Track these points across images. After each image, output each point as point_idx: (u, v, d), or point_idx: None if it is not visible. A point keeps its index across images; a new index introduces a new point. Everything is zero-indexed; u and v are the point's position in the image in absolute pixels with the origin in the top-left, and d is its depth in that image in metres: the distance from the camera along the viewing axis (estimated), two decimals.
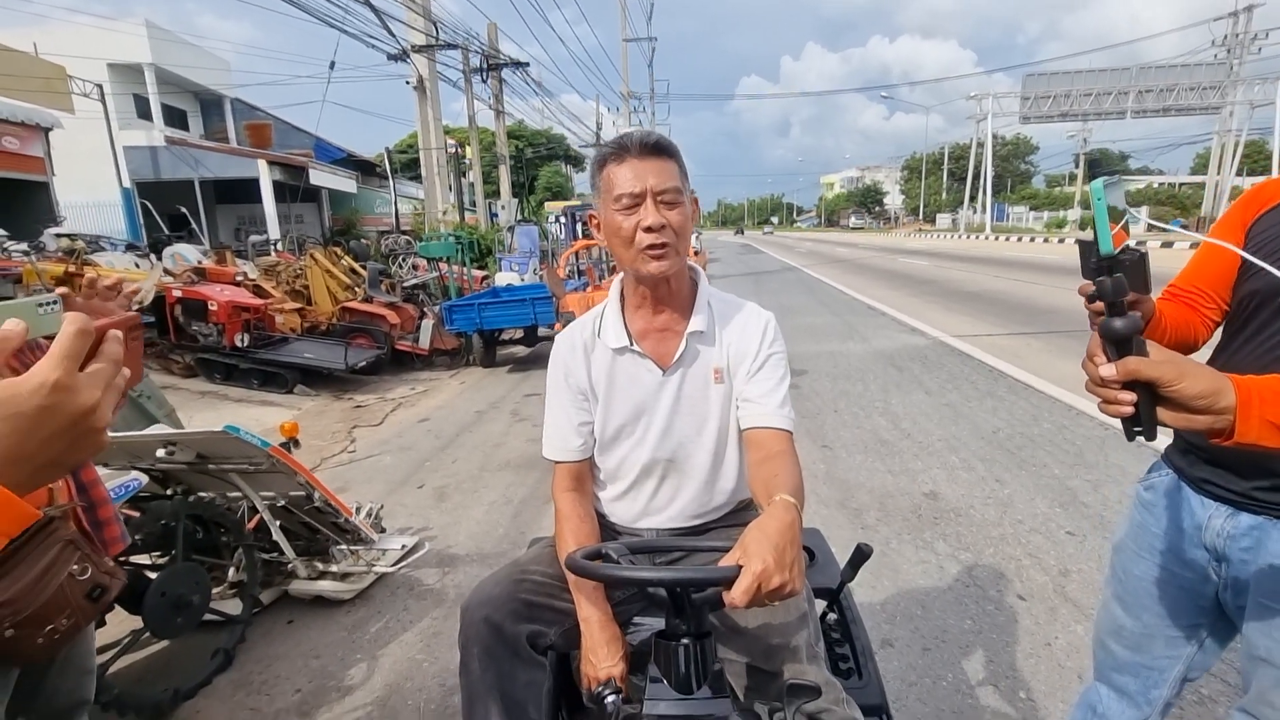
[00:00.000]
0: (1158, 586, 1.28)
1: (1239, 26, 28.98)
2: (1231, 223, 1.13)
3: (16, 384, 0.50)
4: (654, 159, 1.10)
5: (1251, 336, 1.07)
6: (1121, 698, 1.43)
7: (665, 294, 1.19)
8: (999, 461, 3.76)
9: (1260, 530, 1.09)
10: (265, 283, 7.97)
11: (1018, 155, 61.70)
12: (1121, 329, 0.71)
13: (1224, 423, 0.71)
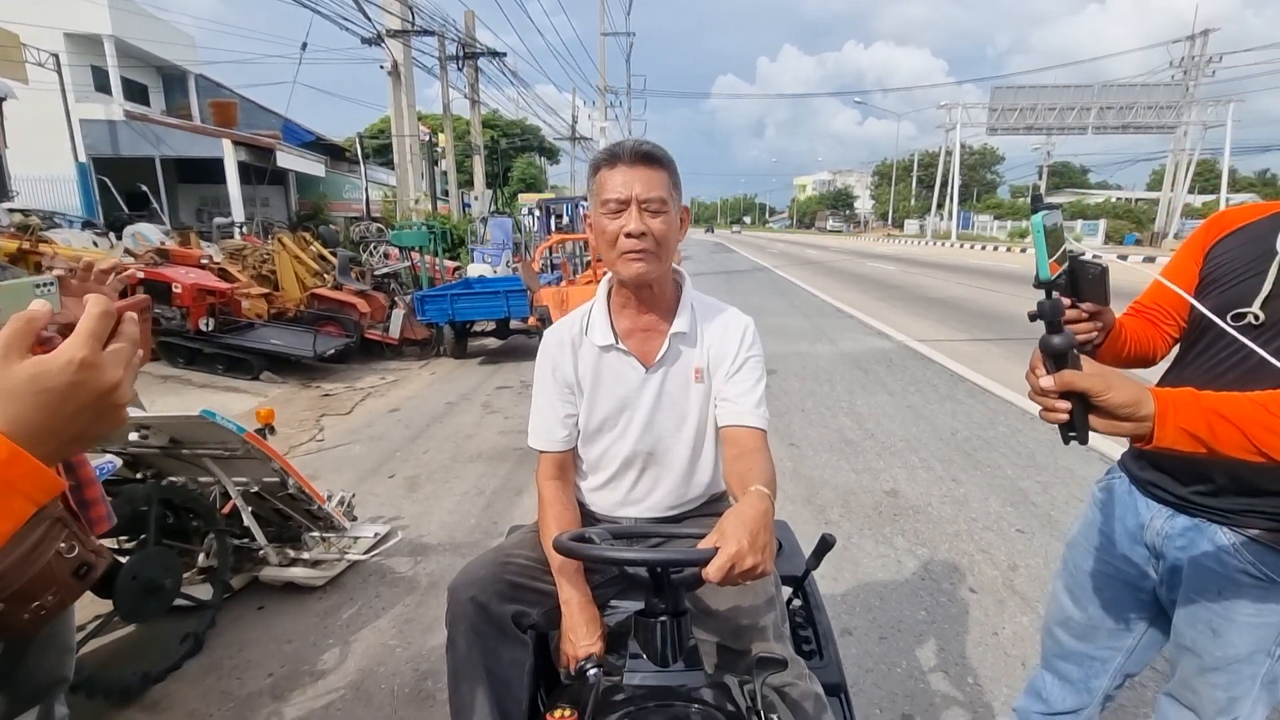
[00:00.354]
0: (1103, 580, 1.39)
1: (1195, 49, 30.24)
2: (1194, 245, 1.23)
3: (46, 361, 0.53)
4: (644, 167, 1.15)
5: (1201, 353, 1.18)
6: (1065, 685, 1.55)
7: (650, 296, 1.25)
8: (956, 462, 3.93)
9: (1195, 531, 1.20)
10: (231, 266, 7.79)
11: (984, 165, 63.33)
12: (1058, 345, 0.81)
13: (1145, 429, 0.81)
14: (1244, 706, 1.21)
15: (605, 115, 34.85)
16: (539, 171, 35.35)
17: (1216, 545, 1.16)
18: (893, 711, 1.97)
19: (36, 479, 0.52)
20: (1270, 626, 1.15)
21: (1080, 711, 1.55)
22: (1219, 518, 1.16)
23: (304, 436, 4.78)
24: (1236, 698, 1.20)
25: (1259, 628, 1.15)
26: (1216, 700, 1.22)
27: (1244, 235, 1.15)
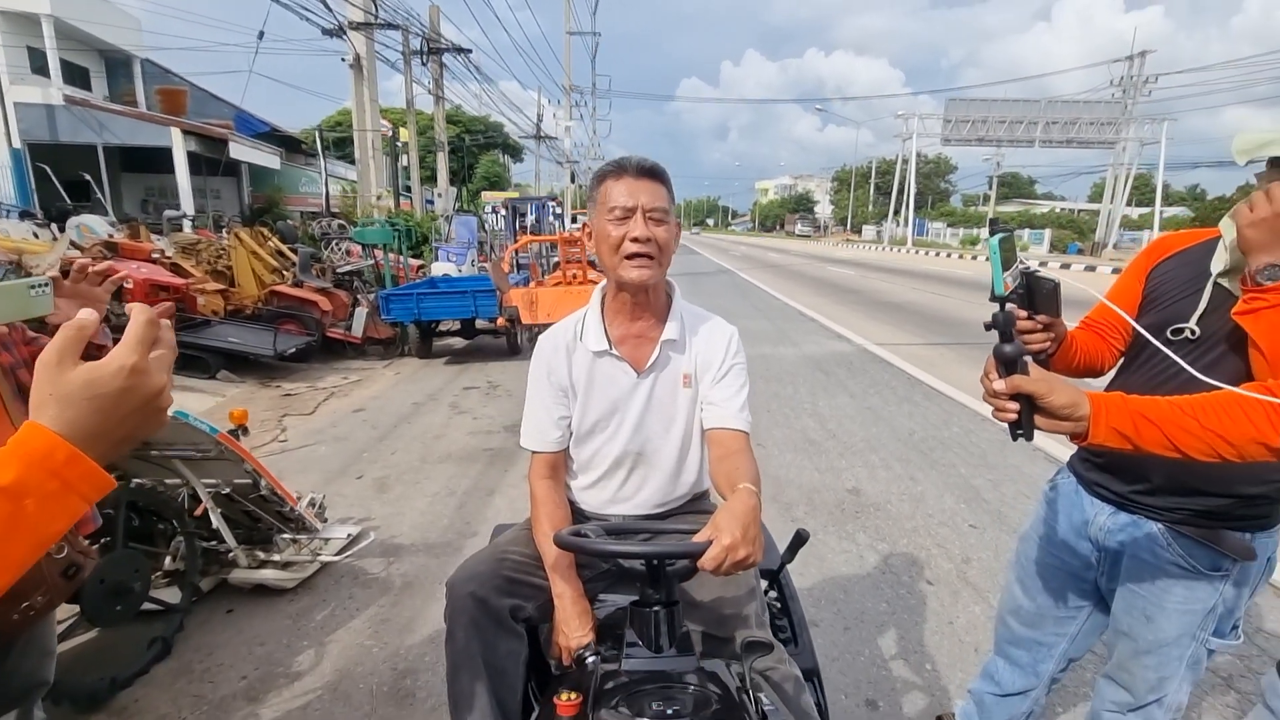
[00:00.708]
0: (1051, 571, 1.52)
1: (1133, 70, 31.86)
2: (1137, 267, 1.37)
3: (99, 367, 0.56)
4: (648, 180, 1.23)
5: (1143, 364, 1.31)
6: (1015, 669, 1.70)
7: (643, 303, 1.32)
8: (914, 461, 4.11)
9: (1134, 527, 1.33)
10: (184, 261, 7.52)
11: (938, 174, 65.45)
12: (1009, 352, 0.92)
13: (1081, 427, 0.92)
14: (1172, 685, 1.35)
15: (570, 114, 34.73)
16: (503, 169, 35.02)
17: (1152, 539, 1.29)
18: (857, 697, 2.08)
19: (92, 479, 0.55)
20: (1196, 613, 1.28)
21: (1028, 692, 1.69)
22: (1155, 514, 1.28)
23: (266, 437, 4.68)
24: (1165, 677, 1.34)
25: (1186, 614, 1.28)
26: (1148, 680, 1.36)
27: (1181, 259, 1.28)
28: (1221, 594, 1.26)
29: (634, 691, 0.94)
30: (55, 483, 0.52)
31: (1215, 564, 1.24)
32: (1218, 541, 1.22)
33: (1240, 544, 1.22)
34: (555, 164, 36.23)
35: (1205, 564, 1.25)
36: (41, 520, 0.52)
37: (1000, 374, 0.94)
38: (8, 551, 0.50)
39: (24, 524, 0.51)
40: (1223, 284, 1.16)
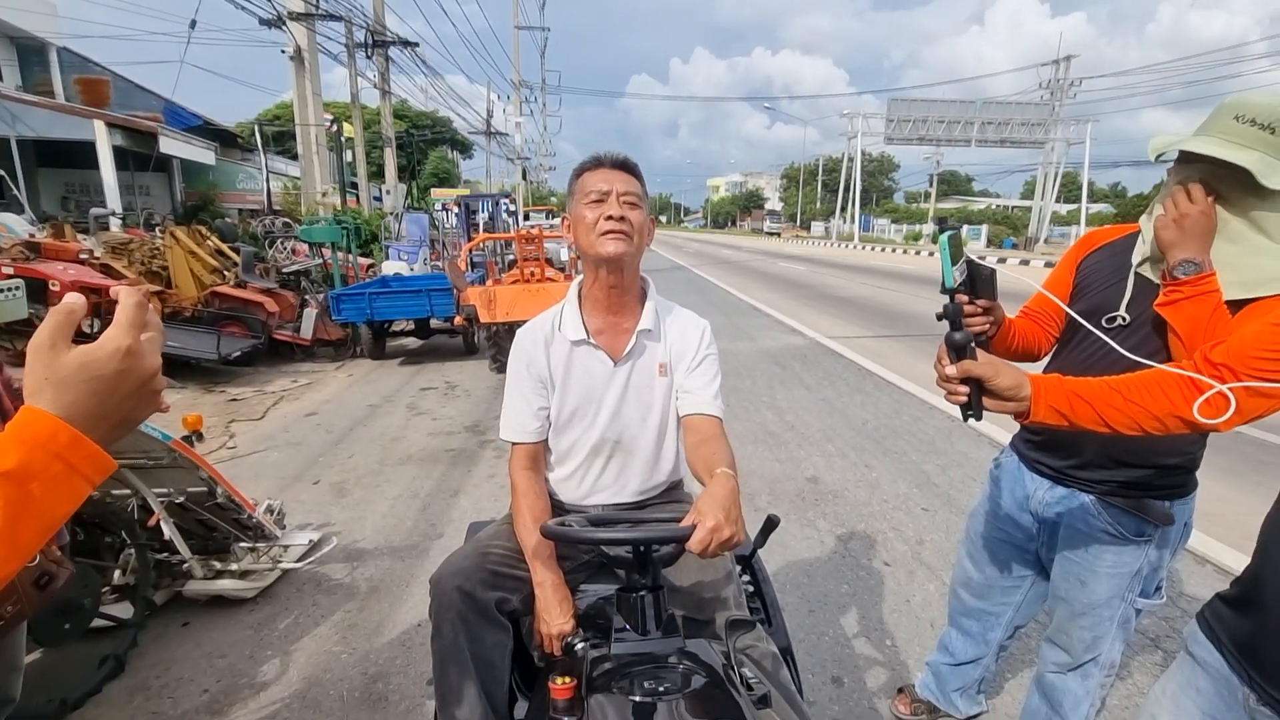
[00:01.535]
0: (997, 545, 1.66)
1: (1060, 73, 33.56)
2: (1069, 260, 1.50)
3: (94, 350, 0.56)
4: (622, 172, 1.32)
5: (1075, 347, 1.43)
6: (966, 638, 1.83)
7: (619, 291, 1.35)
8: (868, 449, 4.26)
9: (1069, 499, 1.45)
10: (115, 262, 7.13)
11: (882, 171, 67.44)
12: (959, 340, 1.01)
13: (1024, 407, 1.02)
14: (1105, 644, 1.49)
15: (520, 110, 34.32)
16: (452, 165, 34.35)
17: (1085, 510, 1.41)
18: (823, 675, 2.16)
19: (94, 461, 0.55)
20: (1124, 575, 1.42)
21: (980, 660, 1.82)
22: (1087, 487, 1.41)
23: (214, 444, 4.50)
24: (1099, 636, 1.48)
25: (1115, 577, 1.42)
26: (1084, 640, 1.50)
27: (1108, 251, 1.41)
28: (1146, 557, 1.39)
29: (625, 673, 0.98)
30: (59, 465, 0.52)
31: (1140, 530, 1.37)
32: (1142, 510, 1.34)
33: (1161, 511, 1.35)
34: (506, 160, 35.78)
35: (1132, 530, 1.37)
36: (48, 504, 0.52)
37: (951, 360, 1.03)
38: (17, 535, 0.50)
39: (31, 508, 0.50)
40: (1143, 274, 1.28)
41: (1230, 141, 1.09)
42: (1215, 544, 2.94)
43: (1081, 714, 1.55)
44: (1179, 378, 0.99)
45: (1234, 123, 1.09)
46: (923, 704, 1.98)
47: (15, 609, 1.09)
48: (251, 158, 18.08)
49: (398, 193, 16.08)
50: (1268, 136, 1.06)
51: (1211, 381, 0.94)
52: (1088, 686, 1.53)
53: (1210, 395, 0.93)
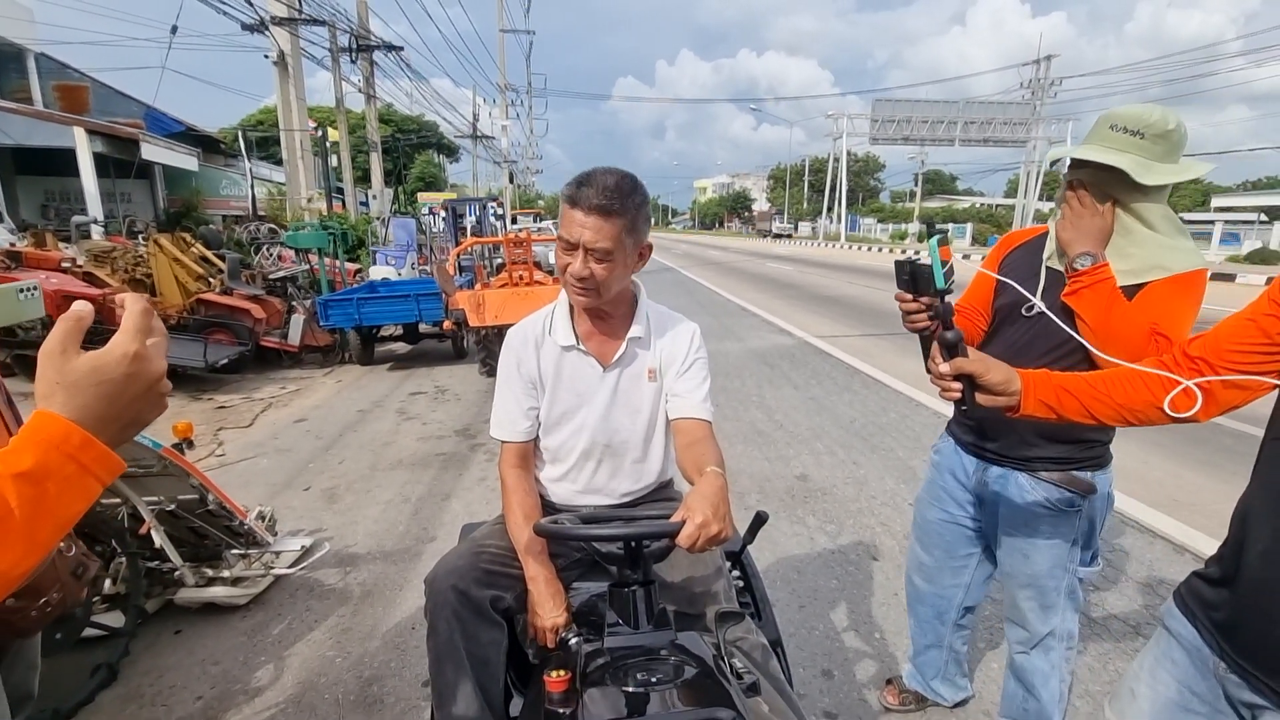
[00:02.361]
0: (943, 527, 1.77)
1: (1040, 73, 34.00)
2: (991, 260, 1.64)
3: (103, 355, 0.58)
4: (598, 218, 1.19)
5: (1001, 338, 1.56)
6: (921, 625, 1.97)
7: (605, 311, 1.38)
8: (856, 447, 4.31)
9: (1004, 478, 1.57)
10: (98, 270, 7.06)
11: (868, 171, 67.95)
12: (951, 339, 1.05)
13: (1014, 401, 1.06)
14: (1057, 615, 1.60)
15: (506, 113, 34.27)
16: (439, 170, 34.23)
17: (1020, 486, 1.53)
18: (814, 668, 2.20)
19: (105, 462, 0.57)
20: (1062, 546, 1.54)
21: (940, 644, 1.95)
22: (1020, 466, 1.53)
23: (202, 451, 4.47)
24: (1049, 606, 1.59)
25: (1054, 547, 1.54)
26: (1035, 611, 1.60)
27: (1024, 250, 1.55)
28: (1078, 528, 1.52)
29: (618, 665, 1.00)
30: (72, 466, 0.54)
31: (1070, 501, 1.49)
32: (1069, 483, 1.48)
33: (1085, 482, 1.48)
34: (493, 164, 35.70)
35: (1063, 502, 1.49)
36: (62, 502, 0.54)
37: (944, 357, 1.07)
38: (35, 532, 0.52)
39: (47, 507, 0.53)
40: (1053, 266, 1.43)
41: (1108, 147, 1.26)
42: (1194, 533, 3.02)
43: (1052, 689, 1.64)
44: (1148, 375, 1.04)
45: (1110, 131, 1.26)
46: (910, 694, 2.02)
47: (60, 595, 1.16)
48: (235, 163, 17.93)
49: (384, 197, 16.01)
50: (1138, 141, 1.24)
51: (1177, 378, 0.98)
52: (1051, 661, 1.62)
53: (1179, 392, 0.97)
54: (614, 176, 1.22)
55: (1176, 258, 1.29)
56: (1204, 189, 47.75)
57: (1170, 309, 1.26)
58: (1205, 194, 43.49)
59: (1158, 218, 1.29)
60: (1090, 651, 2.26)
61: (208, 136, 19.78)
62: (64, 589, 1.16)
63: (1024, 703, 1.68)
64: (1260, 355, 0.93)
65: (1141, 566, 2.79)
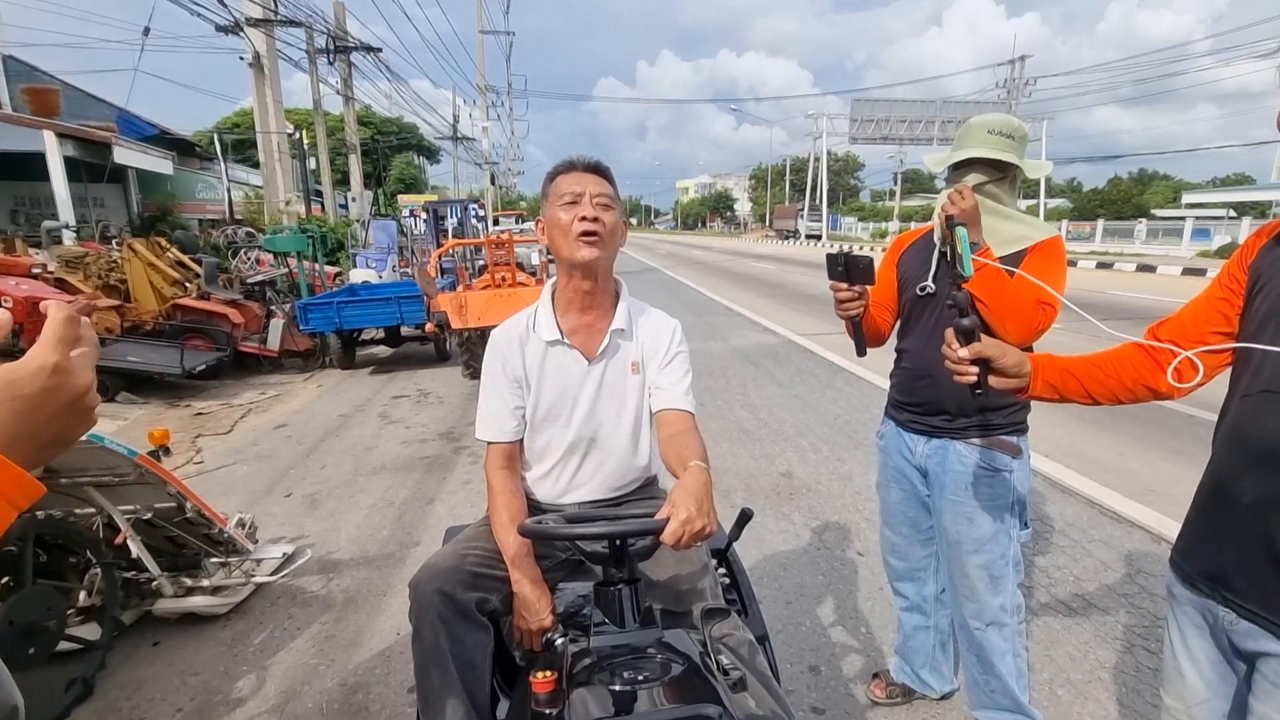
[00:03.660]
0: (903, 504, 1.86)
1: (1015, 73, 34.54)
2: (889, 259, 1.81)
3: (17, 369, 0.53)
4: (594, 175, 1.34)
5: (909, 323, 1.72)
6: (908, 605, 1.99)
7: (593, 293, 1.37)
8: (840, 443, 4.34)
9: (943, 450, 1.69)
10: (70, 276, 6.92)
11: (848, 171, 68.57)
12: (967, 325, 1.11)
13: (1024, 383, 1.12)
14: (1006, 586, 1.68)
15: (487, 115, 34.10)
16: (418, 171, 33.96)
17: (958, 454, 1.66)
18: (801, 664, 2.21)
19: (19, 485, 0.53)
20: (1001, 508, 1.64)
21: (927, 626, 2.04)
22: (954, 435, 1.66)
23: (179, 459, 4.39)
24: (998, 576, 1.68)
25: (994, 509, 1.64)
26: (984, 580, 1.68)
27: (916, 246, 1.74)
28: (1013, 489, 1.63)
29: (604, 665, 1.00)
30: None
31: (1002, 464, 1.62)
32: (998, 445, 1.63)
33: (1012, 445, 1.63)
34: (474, 165, 35.49)
35: (996, 464, 1.62)
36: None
37: (961, 343, 1.12)
38: None
39: None
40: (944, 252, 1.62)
41: (997, 149, 1.51)
42: (1170, 522, 3.07)
43: (1009, 665, 1.72)
44: (1144, 351, 1.12)
45: (989, 135, 1.52)
46: (898, 687, 2.04)
47: None
48: (211, 166, 17.63)
49: (364, 199, 15.84)
50: (1011, 142, 1.52)
51: (1175, 349, 1.05)
52: (1005, 635, 1.70)
53: (1179, 363, 1.04)
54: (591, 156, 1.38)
55: (1034, 230, 1.56)
56: (1175, 186, 48.78)
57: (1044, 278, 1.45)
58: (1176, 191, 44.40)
59: (1012, 202, 1.60)
60: (1071, 641, 2.29)
61: (183, 140, 19.42)
62: None
63: (988, 685, 1.75)
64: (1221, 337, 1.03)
65: (1120, 556, 2.83)
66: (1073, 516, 3.20)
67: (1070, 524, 3.13)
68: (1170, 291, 11.42)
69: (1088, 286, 12.59)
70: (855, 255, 1.41)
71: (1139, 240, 23.90)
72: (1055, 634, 2.33)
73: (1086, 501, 3.35)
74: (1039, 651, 2.23)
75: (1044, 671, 2.15)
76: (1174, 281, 13.89)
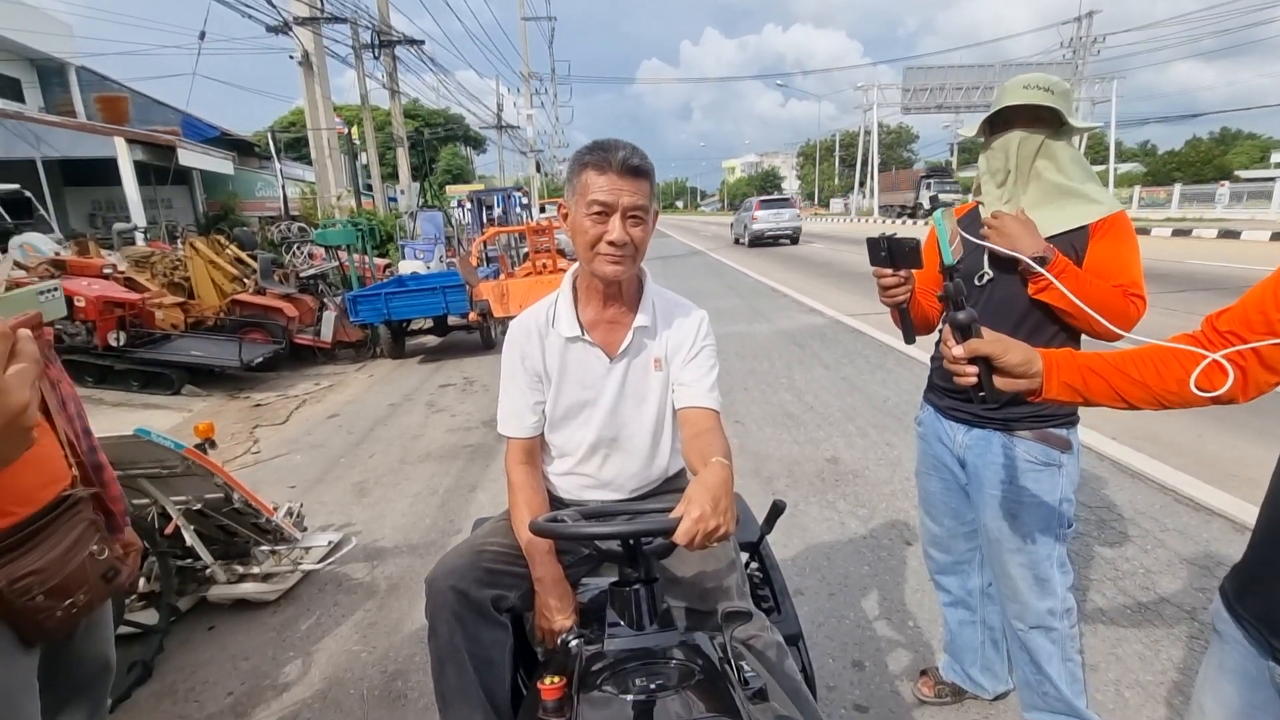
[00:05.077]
0: (944, 494, 1.73)
1: (1082, 31, 32.38)
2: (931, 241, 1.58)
3: None
4: (632, 179, 1.18)
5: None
6: (953, 600, 1.87)
7: (615, 291, 1.31)
8: (889, 427, 4.18)
9: (985, 441, 1.55)
10: (139, 275, 7.30)
11: (901, 143, 65.93)
12: (963, 319, 0.96)
13: (1035, 384, 0.95)
14: (1052, 590, 1.54)
15: (531, 102, 34.24)
16: (465, 162, 34.47)
17: (1002, 446, 1.53)
18: (844, 659, 2.12)
19: None
20: (1049, 505, 1.50)
21: (973, 621, 1.87)
22: (998, 425, 1.52)
23: (239, 449, 4.59)
24: (1043, 579, 1.54)
25: (1040, 505, 1.50)
26: (1028, 581, 1.55)
27: (963, 222, 1.54)
28: (1060, 486, 1.51)
29: (617, 670, 0.95)
30: None
31: (1050, 457, 1.50)
32: (1046, 439, 1.50)
33: (1061, 437, 1.50)
34: (519, 154, 35.76)
35: (1044, 458, 1.50)
36: None
37: (956, 340, 0.97)
38: None
39: None
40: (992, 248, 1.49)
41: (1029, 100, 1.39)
42: (1254, 509, 2.82)
43: (1059, 670, 1.59)
44: (1175, 351, 0.93)
45: (1024, 90, 1.40)
46: (947, 686, 1.93)
47: (87, 598, 1.18)
48: (269, 165, 18.32)
49: (412, 192, 16.16)
50: (1051, 95, 1.39)
51: (1201, 351, 0.86)
52: (1054, 639, 1.58)
53: (1206, 366, 0.86)
54: (628, 142, 1.22)
55: (1094, 203, 1.42)
56: (1262, 145, 45.03)
57: (1121, 264, 1.38)
58: (1264, 150, 40.99)
59: (1068, 160, 1.44)
60: (1140, 640, 2.13)
61: (242, 140, 20.28)
62: (91, 590, 1.19)
63: (1040, 687, 1.63)
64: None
65: (1197, 547, 2.62)
66: (1143, 504, 2.98)
67: (1140, 512, 2.91)
68: (1257, 258, 10.55)
69: (1164, 255, 11.75)
70: (899, 238, 1.29)
71: (1220, 205, 22.20)
72: (1123, 631, 2.17)
73: (1159, 487, 3.12)
74: (1104, 650, 2.08)
75: (1109, 671, 2.00)
76: (1261, 248, 12.82)
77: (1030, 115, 1.41)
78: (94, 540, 1.19)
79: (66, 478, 1.20)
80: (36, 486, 1.14)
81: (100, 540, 1.21)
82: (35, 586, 1.06)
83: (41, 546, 1.08)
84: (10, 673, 1.07)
